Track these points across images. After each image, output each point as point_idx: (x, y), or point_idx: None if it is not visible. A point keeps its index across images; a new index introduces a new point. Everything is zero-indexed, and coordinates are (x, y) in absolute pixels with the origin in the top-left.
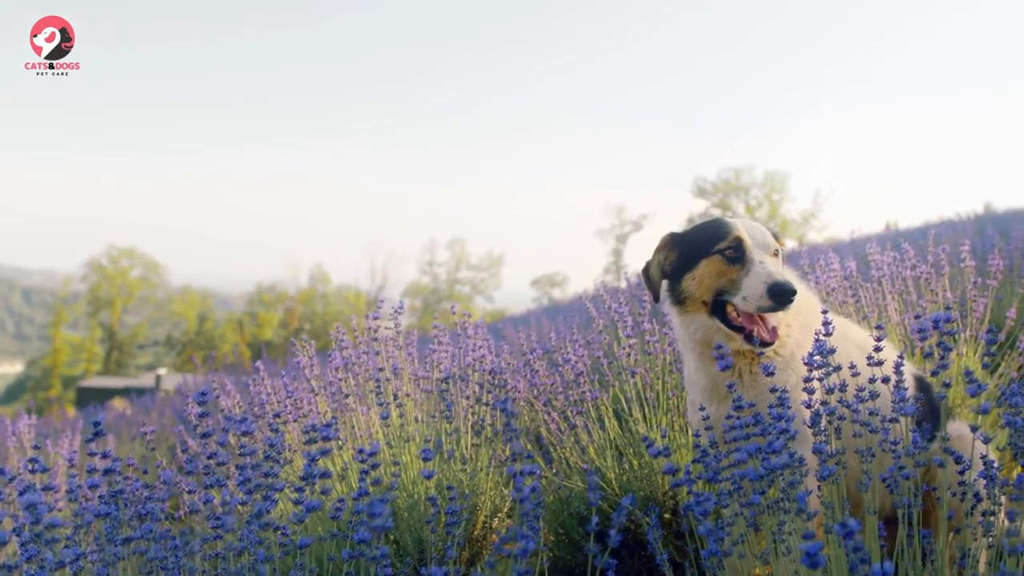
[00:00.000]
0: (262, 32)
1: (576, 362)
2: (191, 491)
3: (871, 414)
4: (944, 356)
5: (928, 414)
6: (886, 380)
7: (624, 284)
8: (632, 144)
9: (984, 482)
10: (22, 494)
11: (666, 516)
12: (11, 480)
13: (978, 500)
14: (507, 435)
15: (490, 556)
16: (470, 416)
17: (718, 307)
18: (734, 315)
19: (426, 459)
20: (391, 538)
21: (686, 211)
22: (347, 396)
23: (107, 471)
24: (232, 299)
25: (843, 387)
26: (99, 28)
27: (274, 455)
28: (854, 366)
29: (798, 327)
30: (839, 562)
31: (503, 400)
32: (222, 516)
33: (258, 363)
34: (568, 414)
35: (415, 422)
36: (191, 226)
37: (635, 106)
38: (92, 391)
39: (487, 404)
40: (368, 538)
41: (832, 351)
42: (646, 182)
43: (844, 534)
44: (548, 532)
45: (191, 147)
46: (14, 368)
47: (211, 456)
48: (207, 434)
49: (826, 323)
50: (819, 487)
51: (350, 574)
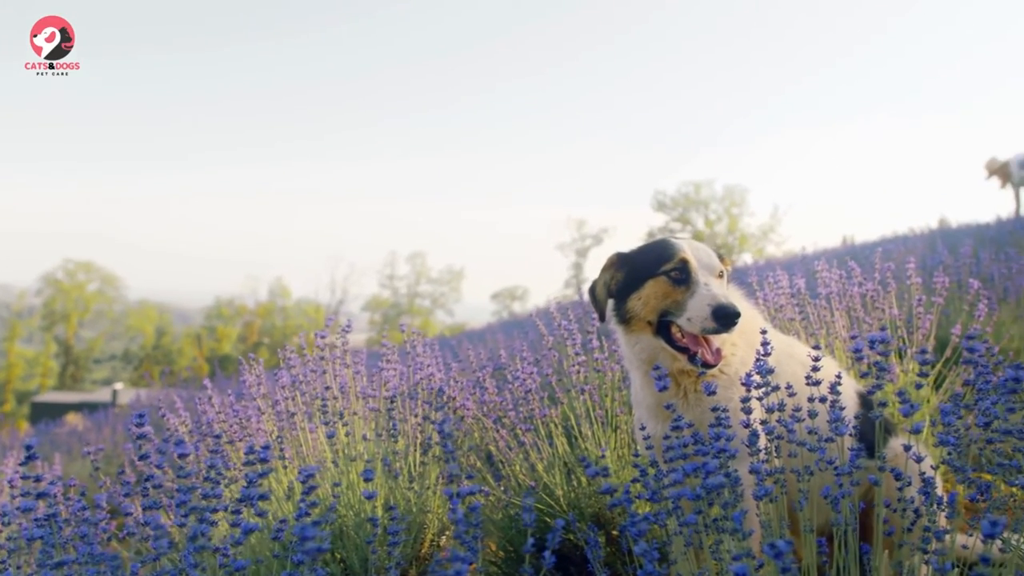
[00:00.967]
0: (219, 46)
1: (525, 379)
2: (127, 513)
3: (810, 433)
4: (880, 375)
5: (873, 431)
6: (824, 400)
7: (579, 299)
8: (594, 160)
9: (923, 498)
10: None
11: (614, 533)
12: None
13: (918, 516)
14: (445, 456)
15: None
16: (419, 435)
17: (663, 327)
18: (679, 336)
19: (367, 479)
20: (338, 557)
21: (646, 225)
22: (293, 415)
23: (40, 495)
24: (190, 313)
25: (781, 406)
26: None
27: (214, 476)
28: (790, 386)
29: (743, 346)
30: None
31: (441, 421)
32: (154, 540)
33: (206, 380)
34: (517, 431)
35: (364, 440)
36: (149, 240)
37: (597, 123)
38: (46, 406)
39: (434, 423)
40: (303, 560)
41: (771, 371)
42: (607, 197)
43: (773, 555)
44: (498, 549)
45: (149, 160)
46: None
47: (148, 479)
48: (144, 456)
49: (765, 343)
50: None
51: None
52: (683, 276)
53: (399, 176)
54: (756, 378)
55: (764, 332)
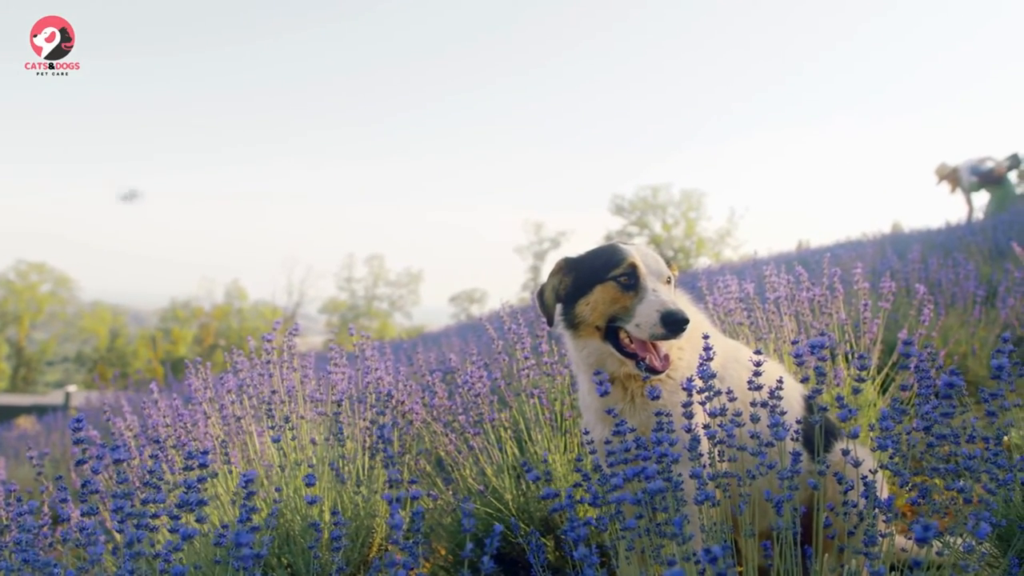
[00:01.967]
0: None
1: (474, 383)
2: (64, 520)
3: (752, 437)
4: (820, 380)
5: (821, 434)
6: (765, 404)
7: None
8: (553, 164)
9: (864, 502)
10: None
11: (563, 537)
12: None
13: (861, 519)
14: (385, 461)
15: None
16: (367, 439)
17: (611, 333)
18: (627, 341)
19: (309, 484)
20: (285, 562)
21: (604, 229)
22: (239, 419)
23: None
24: (145, 315)
25: (723, 411)
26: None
27: (154, 482)
28: (731, 391)
29: (690, 351)
30: None
31: (381, 427)
32: (89, 546)
33: (152, 384)
34: (467, 436)
35: (312, 444)
36: (104, 240)
37: (558, 128)
38: None
39: (382, 426)
40: (241, 566)
41: (713, 375)
42: (566, 200)
43: (709, 560)
44: (447, 553)
45: (103, 160)
46: None
47: (85, 484)
48: (82, 462)
49: (707, 348)
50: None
51: None
52: (632, 281)
53: (357, 178)
54: (698, 383)
55: (706, 337)
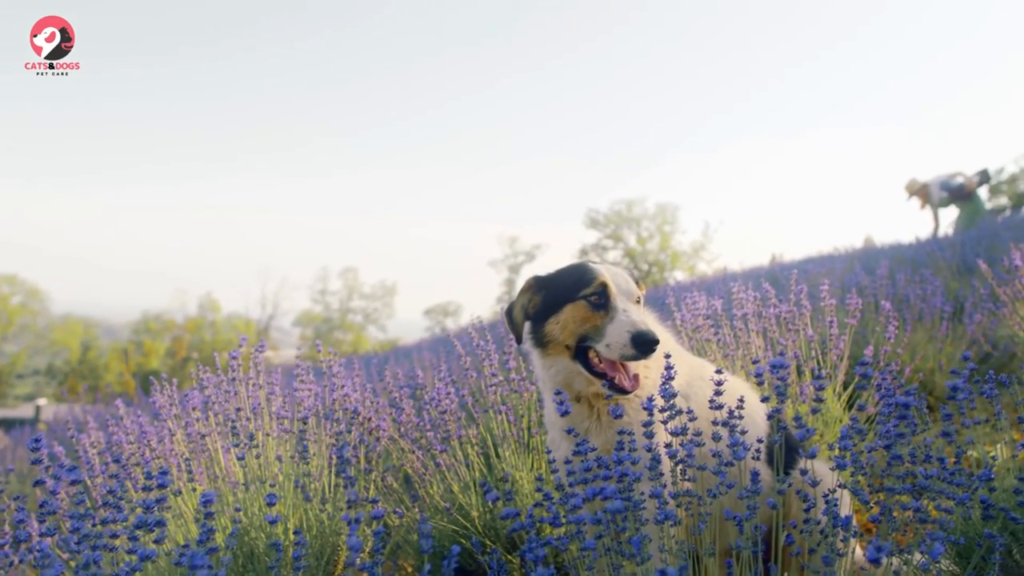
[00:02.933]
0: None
1: (442, 400)
2: (22, 540)
3: (714, 456)
4: (780, 400)
5: (787, 451)
6: (726, 423)
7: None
8: (529, 177)
9: (827, 520)
10: None
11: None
12: None
13: (824, 537)
14: (344, 482)
15: None
16: (333, 456)
17: (581, 352)
18: (596, 361)
19: (270, 504)
20: None
21: (579, 242)
22: (204, 436)
23: None
24: (117, 328)
25: (684, 430)
26: None
27: (113, 502)
28: (691, 410)
29: (656, 370)
30: None
31: (340, 447)
32: (43, 568)
33: (118, 401)
34: (434, 452)
35: (278, 461)
36: (76, 252)
37: (533, 144)
38: None
39: (332, 448)
40: None
41: (675, 394)
42: (541, 214)
43: None
44: (413, 570)
45: (76, 171)
46: None
47: (42, 505)
48: (40, 482)
49: (668, 367)
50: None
51: None
52: (602, 301)
53: (332, 191)
54: (659, 402)
55: (668, 356)
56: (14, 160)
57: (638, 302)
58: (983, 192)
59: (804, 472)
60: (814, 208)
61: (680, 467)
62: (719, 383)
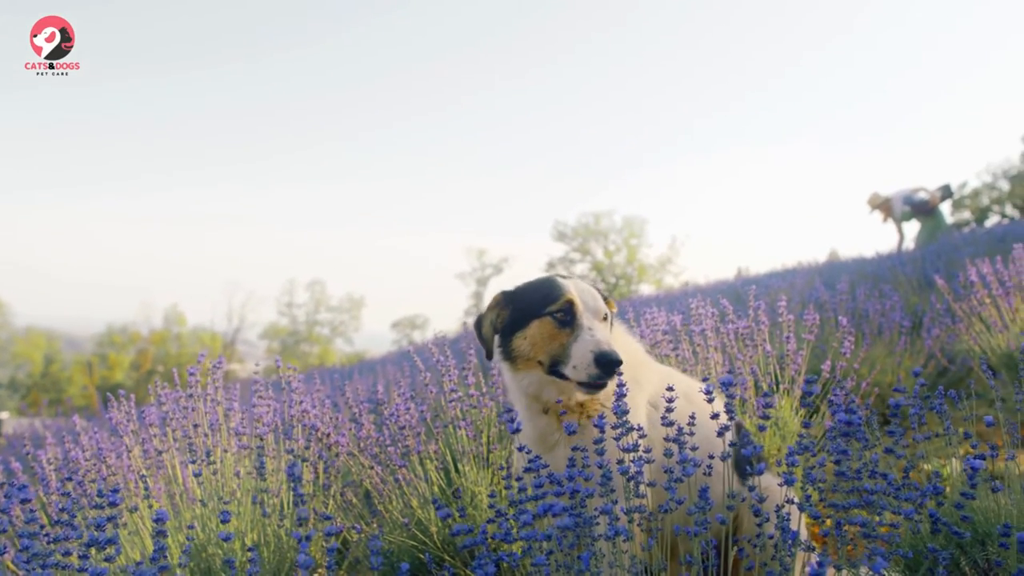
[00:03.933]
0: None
1: (401, 415)
2: None
3: (665, 471)
4: (730, 416)
5: (745, 463)
6: (676, 440)
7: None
8: (497, 192)
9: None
10: None
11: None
12: None
13: (777, 550)
14: (295, 499)
15: None
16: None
17: (554, 373)
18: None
19: (224, 521)
20: None
21: (547, 255)
22: (161, 453)
23: None
24: (81, 340)
25: (635, 447)
26: None
27: (66, 520)
28: (641, 427)
29: (627, 380)
30: None
31: (291, 465)
32: None
33: (75, 417)
34: (393, 468)
35: (236, 477)
36: (38, 264)
37: (502, 157)
38: None
39: (304, 460)
40: None
41: (627, 411)
42: (509, 227)
43: None
44: None
45: (38, 182)
46: None
47: None
48: None
49: (620, 383)
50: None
51: None
52: (568, 318)
53: (299, 203)
54: (611, 418)
55: (620, 370)
56: None
57: (605, 319)
58: (946, 207)
59: (752, 488)
60: (781, 222)
61: (631, 483)
62: (670, 400)
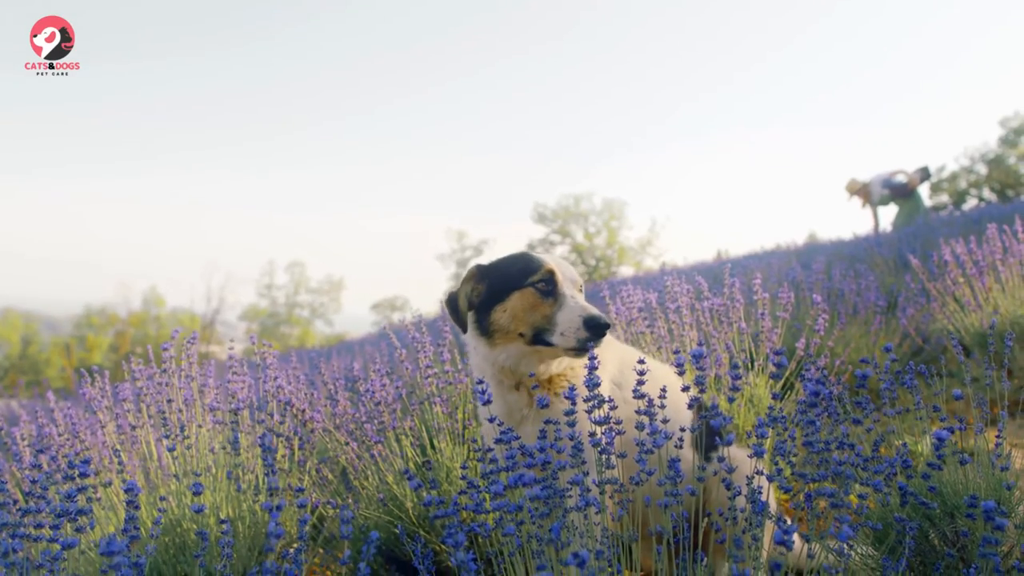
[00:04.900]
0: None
1: (376, 391)
2: None
3: (637, 444)
4: (701, 389)
5: (714, 436)
6: (648, 412)
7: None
8: (478, 175)
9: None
10: None
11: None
12: None
13: (750, 524)
14: (265, 470)
15: None
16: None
17: (539, 340)
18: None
19: (196, 493)
20: (181, 571)
21: (527, 237)
22: (135, 428)
23: None
24: (59, 322)
25: (607, 420)
26: None
27: (38, 492)
28: (612, 399)
29: (606, 350)
30: None
31: (261, 436)
32: None
33: (49, 393)
34: (369, 444)
35: (211, 453)
36: (15, 244)
37: (483, 140)
38: None
39: (279, 435)
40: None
41: (598, 384)
42: (489, 210)
43: (577, 564)
44: (350, 561)
45: (17, 164)
46: None
47: None
48: None
49: (592, 357)
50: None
51: None
52: (550, 288)
53: (280, 186)
54: (582, 391)
55: (591, 350)
56: None
57: (581, 290)
58: (924, 189)
59: (722, 459)
60: (762, 206)
61: (603, 456)
62: (642, 372)
